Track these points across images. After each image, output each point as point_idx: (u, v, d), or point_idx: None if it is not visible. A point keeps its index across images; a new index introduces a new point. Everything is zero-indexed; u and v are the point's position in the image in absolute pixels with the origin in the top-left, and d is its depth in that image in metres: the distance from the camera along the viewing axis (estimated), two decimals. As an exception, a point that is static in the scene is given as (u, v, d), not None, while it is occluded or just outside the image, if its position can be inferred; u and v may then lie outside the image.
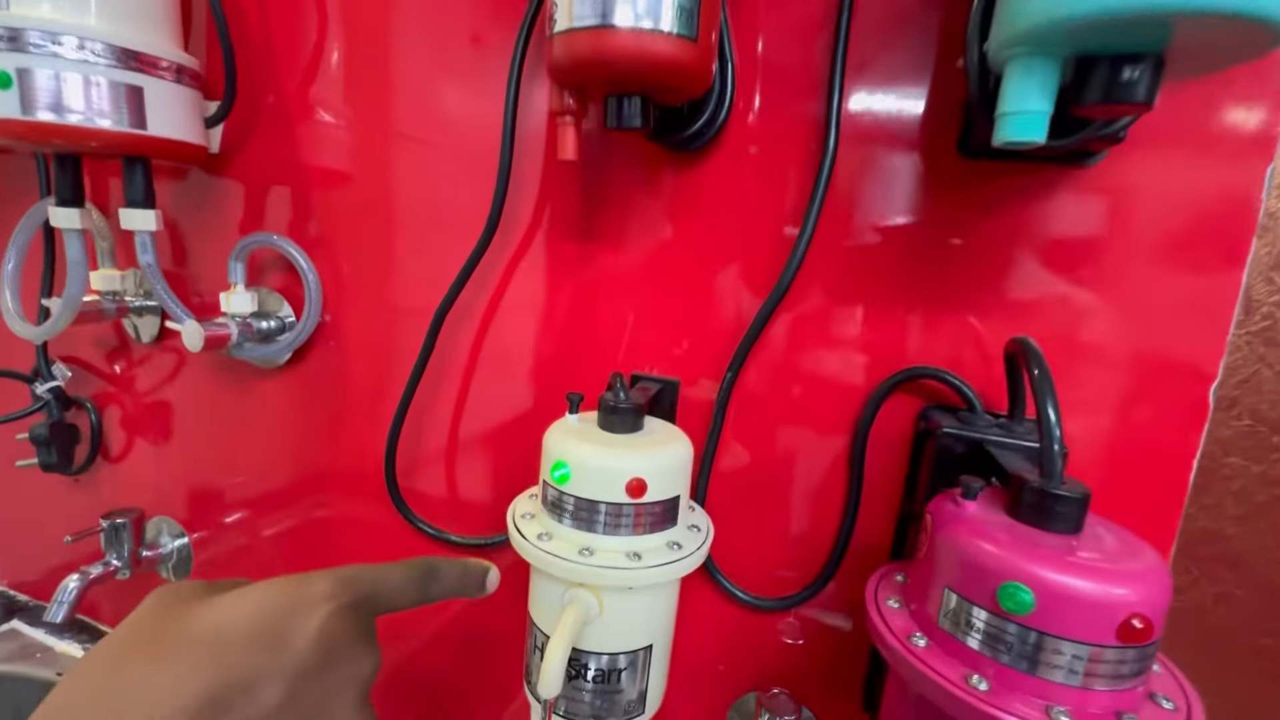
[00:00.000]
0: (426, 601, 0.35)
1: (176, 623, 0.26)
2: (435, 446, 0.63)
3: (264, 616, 0.27)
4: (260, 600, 0.27)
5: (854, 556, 0.51)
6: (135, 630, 0.26)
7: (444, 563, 0.36)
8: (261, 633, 0.26)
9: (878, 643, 0.35)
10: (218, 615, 0.26)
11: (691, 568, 0.43)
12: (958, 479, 0.35)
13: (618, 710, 0.44)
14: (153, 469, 0.79)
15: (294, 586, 0.28)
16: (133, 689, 0.23)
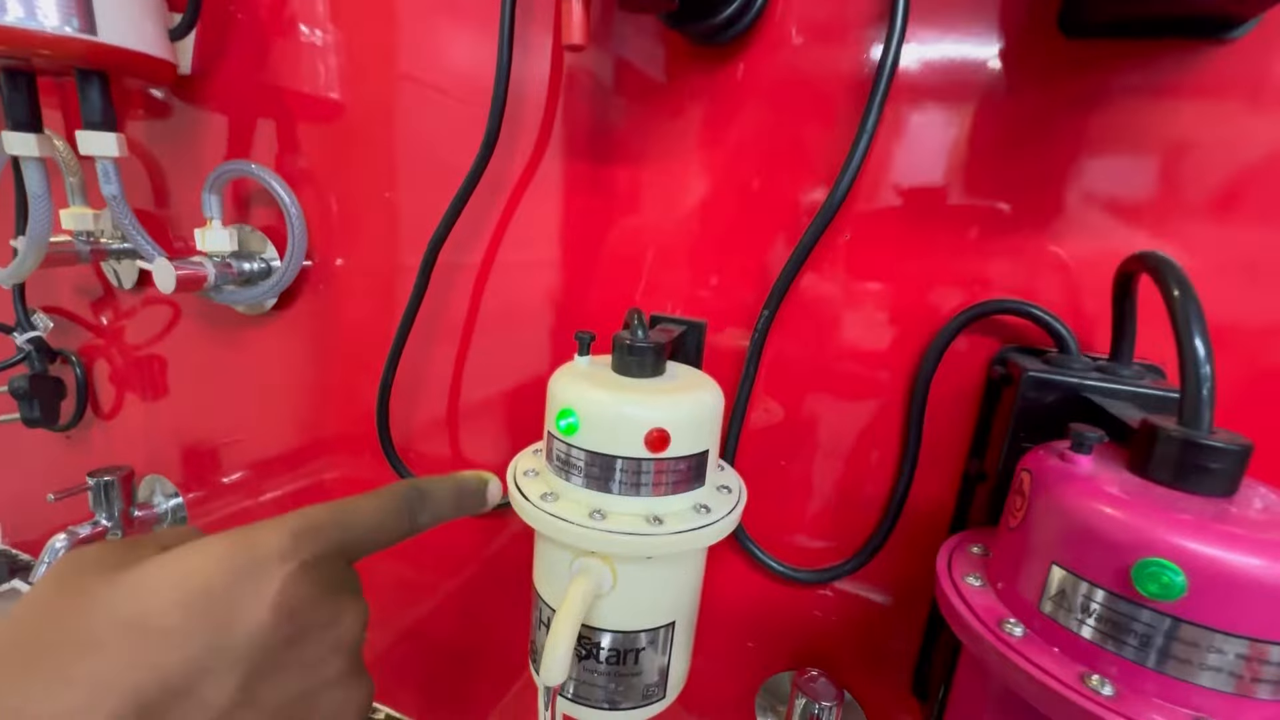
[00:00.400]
0: (416, 532, 0.27)
1: (81, 612, 0.19)
2: (434, 400, 0.58)
3: (199, 591, 0.20)
4: (192, 569, 0.20)
5: (907, 524, 0.44)
6: (25, 626, 0.19)
7: (431, 483, 0.28)
8: (198, 613, 0.19)
9: (959, 629, 0.28)
10: (136, 596, 0.19)
11: (721, 535, 0.36)
12: (1068, 428, 0.28)
13: (635, 694, 0.39)
14: (143, 425, 0.75)
15: (236, 547, 0.21)
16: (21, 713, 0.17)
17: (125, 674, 0.18)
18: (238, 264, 0.59)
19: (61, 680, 0.17)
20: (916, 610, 0.45)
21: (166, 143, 0.64)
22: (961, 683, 0.32)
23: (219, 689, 0.19)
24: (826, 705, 0.43)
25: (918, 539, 0.44)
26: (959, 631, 0.28)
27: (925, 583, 0.45)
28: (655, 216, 0.47)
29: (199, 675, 0.19)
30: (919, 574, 0.45)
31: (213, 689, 0.19)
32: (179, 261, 0.55)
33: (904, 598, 0.46)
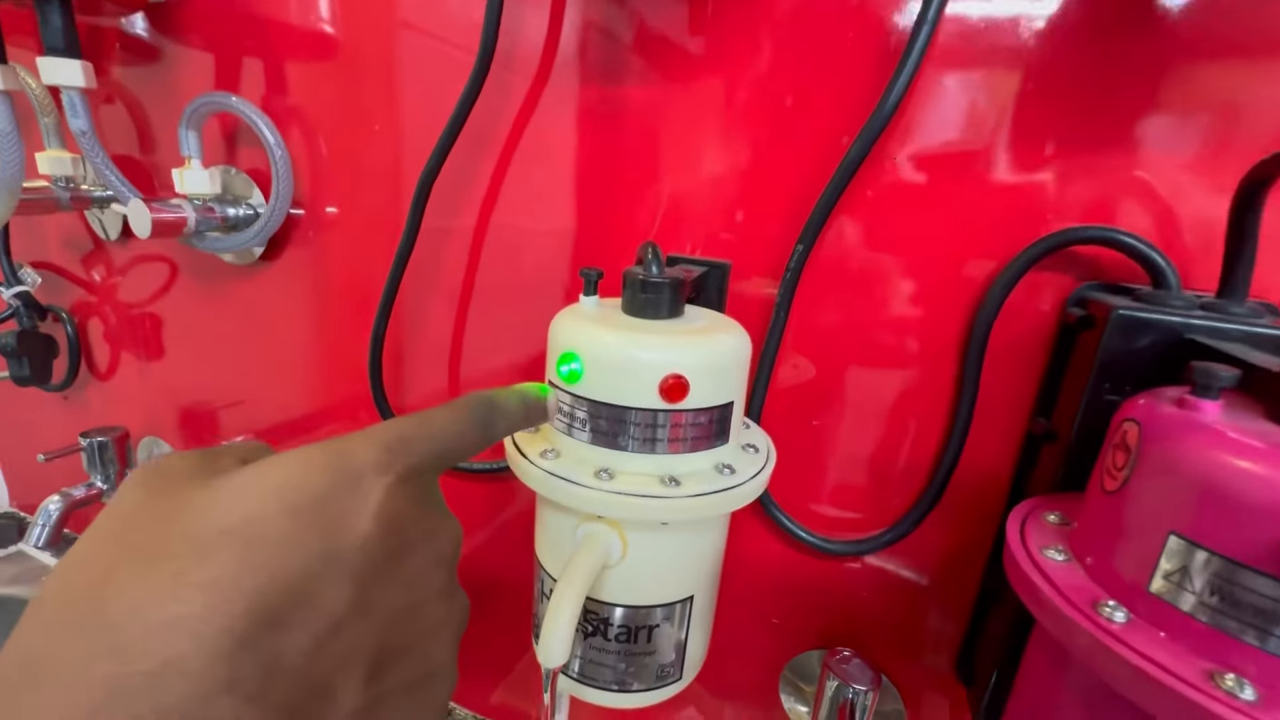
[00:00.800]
0: (491, 443, 0.25)
1: (185, 518, 0.16)
2: (434, 354, 0.53)
3: (303, 497, 0.17)
4: (292, 477, 0.18)
5: (956, 492, 0.39)
6: (127, 533, 0.16)
7: (500, 394, 0.25)
8: (306, 522, 0.17)
9: (1041, 612, 0.23)
10: (240, 502, 0.17)
11: (746, 500, 0.31)
12: (1188, 369, 0.22)
13: (648, 675, 0.35)
14: (137, 385, 0.72)
15: (332, 458, 0.19)
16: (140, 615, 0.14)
17: (244, 579, 0.15)
18: (221, 208, 0.54)
19: (180, 586, 0.15)
20: (963, 587, 0.40)
21: (149, 84, 0.60)
22: (1033, 673, 0.27)
23: (335, 596, 0.17)
24: (861, 689, 0.38)
25: (967, 509, 0.39)
26: (1041, 614, 0.23)
27: (974, 557, 0.40)
28: (674, 142, 0.41)
29: (315, 582, 0.17)
30: (967, 547, 0.40)
31: (329, 596, 0.17)
32: (156, 203, 0.50)
33: (948, 573, 0.41)
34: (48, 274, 0.73)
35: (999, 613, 0.38)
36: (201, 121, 0.52)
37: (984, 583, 0.39)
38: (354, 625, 0.17)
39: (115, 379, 0.74)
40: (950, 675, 0.43)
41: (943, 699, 0.44)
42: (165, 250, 0.64)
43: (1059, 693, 0.25)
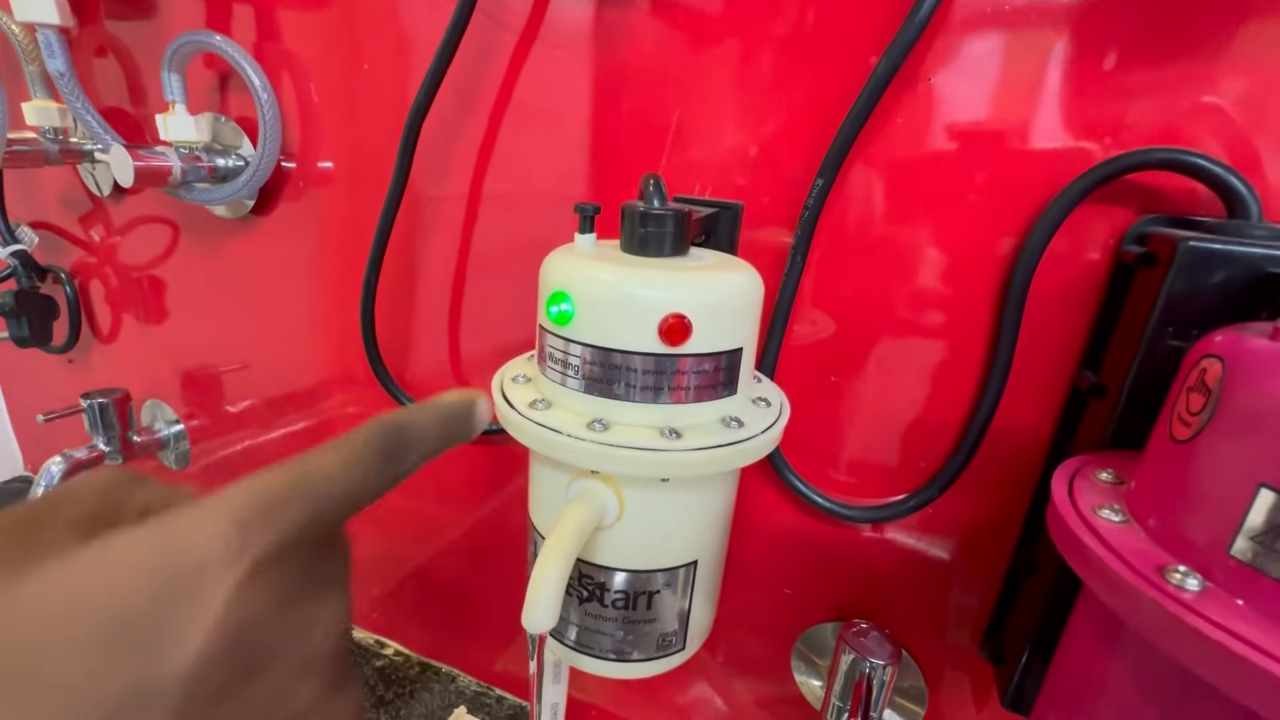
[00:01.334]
0: (403, 478, 0.20)
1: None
2: (430, 310, 0.51)
3: (109, 619, 0.13)
4: (98, 588, 0.13)
5: (989, 453, 0.36)
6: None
7: (408, 415, 0.20)
8: (111, 649, 0.13)
9: (1094, 579, 0.20)
10: (17, 627, 0.13)
11: (755, 456, 0.28)
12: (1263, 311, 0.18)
13: (648, 644, 0.32)
14: (139, 348, 0.70)
15: (160, 552, 0.14)
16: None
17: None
18: (209, 158, 0.52)
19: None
20: (992, 558, 0.37)
21: (140, 35, 0.57)
22: (1079, 650, 0.24)
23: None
24: (879, 663, 0.36)
25: (1001, 473, 0.36)
26: (1095, 582, 0.20)
27: (1006, 526, 0.36)
28: (682, 69, 0.37)
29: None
30: (999, 515, 0.37)
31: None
32: (140, 150, 0.48)
33: (977, 543, 0.38)
34: (46, 234, 0.71)
35: (1033, 585, 0.35)
36: (184, 63, 0.49)
37: (1016, 554, 0.36)
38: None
39: (118, 342, 0.73)
40: (974, 652, 0.40)
41: (965, 676, 0.41)
42: (160, 207, 0.62)
43: (1110, 673, 0.22)
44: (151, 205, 0.63)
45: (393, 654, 0.64)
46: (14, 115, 0.55)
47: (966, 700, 0.41)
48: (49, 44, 0.46)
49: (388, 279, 0.50)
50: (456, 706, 0.58)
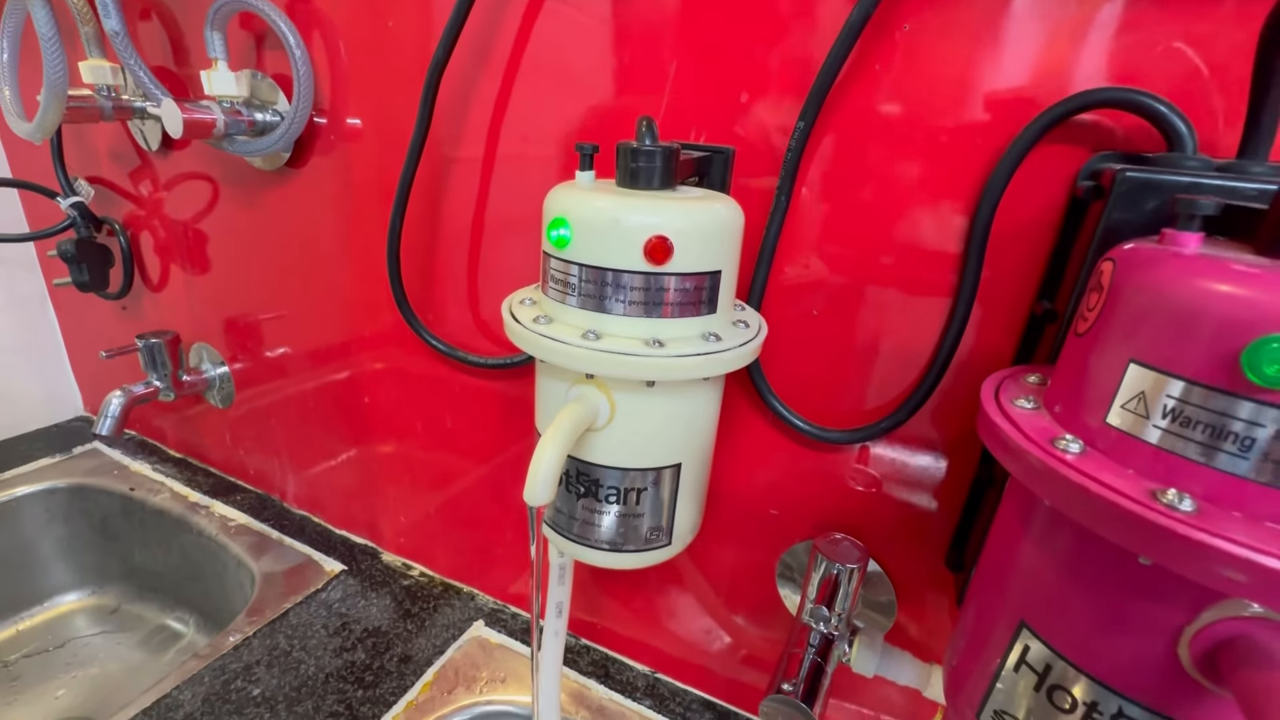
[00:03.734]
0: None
1: None
2: (452, 255, 0.55)
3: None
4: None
5: (955, 377, 0.39)
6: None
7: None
8: None
9: (1000, 451, 0.23)
10: None
11: (730, 366, 0.32)
12: (1170, 204, 0.21)
13: (636, 537, 0.37)
14: (184, 296, 0.76)
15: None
16: None
17: None
18: (249, 112, 0.56)
19: None
20: (959, 473, 0.41)
21: None
22: (1003, 528, 0.27)
23: None
24: (848, 567, 0.40)
25: (966, 393, 0.39)
26: (1000, 453, 0.24)
27: (971, 441, 0.40)
28: (679, 22, 0.40)
29: None
30: (965, 432, 0.40)
31: None
32: (187, 104, 0.52)
33: (946, 459, 0.41)
34: (99, 188, 0.77)
35: (991, 498, 0.38)
36: (225, 22, 0.53)
37: (979, 470, 0.39)
38: None
39: (167, 290, 0.79)
40: (940, 565, 0.43)
41: (936, 591, 0.45)
42: (202, 162, 0.67)
43: (1023, 543, 0.25)
44: (194, 160, 0.68)
45: (418, 575, 0.70)
46: (71, 74, 0.60)
47: (933, 610, 0.45)
48: (105, 4, 0.50)
49: (412, 228, 0.54)
50: (475, 621, 0.64)
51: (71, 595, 0.86)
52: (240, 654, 0.58)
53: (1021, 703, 0.25)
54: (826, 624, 0.40)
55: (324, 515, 0.77)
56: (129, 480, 0.83)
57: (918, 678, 0.40)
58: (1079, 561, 0.22)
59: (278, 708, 0.53)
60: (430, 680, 0.57)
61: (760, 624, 0.53)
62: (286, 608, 0.64)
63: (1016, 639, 0.25)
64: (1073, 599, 0.22)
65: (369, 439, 0.68)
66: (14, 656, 0.79)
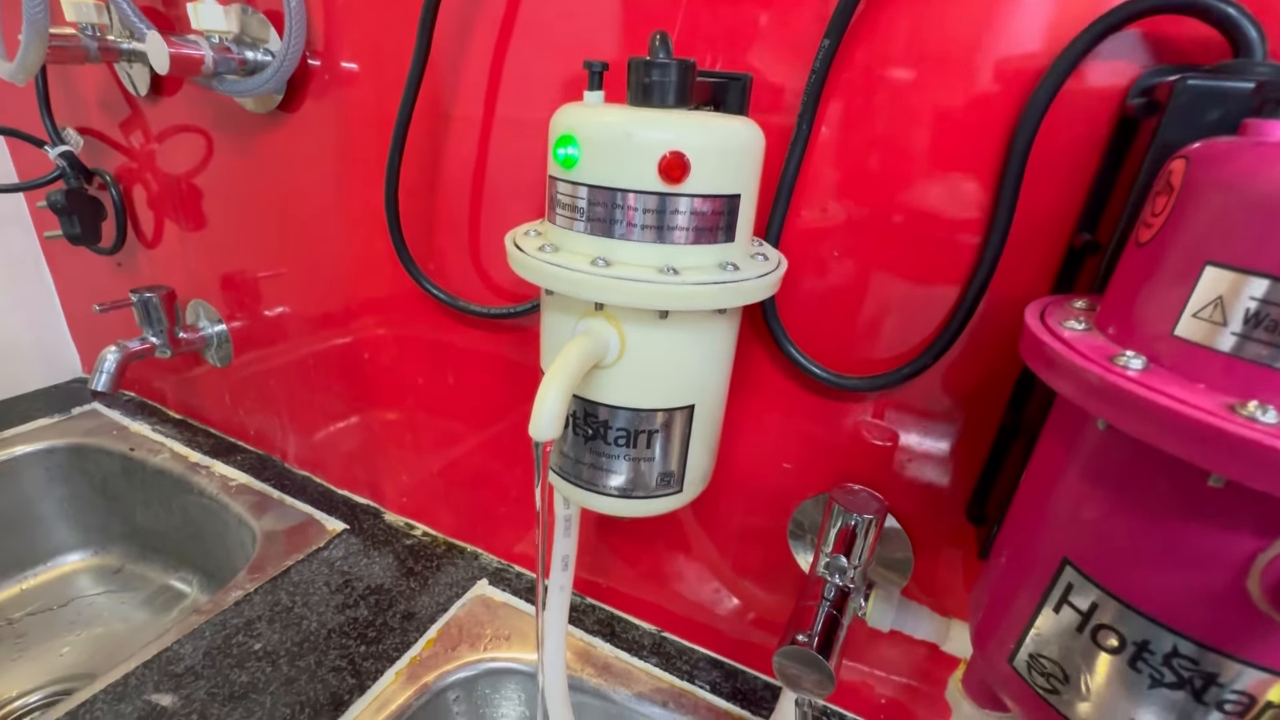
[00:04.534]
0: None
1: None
2: (454, 203, 0.52)
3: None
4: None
5: (984, 320, 0.37)
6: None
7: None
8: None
9: (1049, 371, 0.22)
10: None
11: (750, 298, 0.30)
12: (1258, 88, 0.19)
13: (645, 483, 0.35)
14: (180, 250, 0.74)
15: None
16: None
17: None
18: (239, 50, 0.54)
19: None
20: (983, 422, 0.39)
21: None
22: (1043, 462, 0.26)
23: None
24: (866, 518, 0.38)
25: (994, 337, 0.37)
26: (1049, 375, 0.22)
27: (997, 391, 0.38)
28: (693, -63, 0.37)
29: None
30: (992, 378, 0.38)
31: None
32: (174, 38, 0.50)
33: (970, 408, 0.39)
34: (90, 139, 0.75)
35: (1018, 448, 0.37)
36: (211, -51, 0.50)
37: (1004, 419, 0.37)
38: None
39: (162, 246, 0.77)
40: (962, 519, 0.42)
41: (953, 547, 0.43)
42: (193, 107, 0.65)
43: (1068, 473, 0.24)
44: (185, 107, 0.65)
45: (421, 534, 0.69)
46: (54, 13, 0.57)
47: (950, 566, 0.44)
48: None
49: (412, 174, 0.52)
50: (479, 580, 0.63)
51: (75, 555, 0.85)
52: (242, 609, 0.57)
53: (1061, 645, 0.23)
54: (843, 576, 0.38)
55: (325, 475, 0.76)
56: (129, 440, 0.82)
57: (935, 631, 0.39)
58: (1137, 488, 0.21)
59: (279, 661, 0.52)
60: (434, 637, 0.56)
61: (770, 583, 0.51)
62: (288, 565, 0.63)
63: (1058, 579, 0.23)
64: (1127, 531, 0.21)
65: (370, 398, 0.66)
66: (18, 615, 0.79)
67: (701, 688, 0.54)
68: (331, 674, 0.52)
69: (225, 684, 0.50)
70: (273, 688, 0.50)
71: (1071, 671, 0.23)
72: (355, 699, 0.50)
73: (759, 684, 0.55)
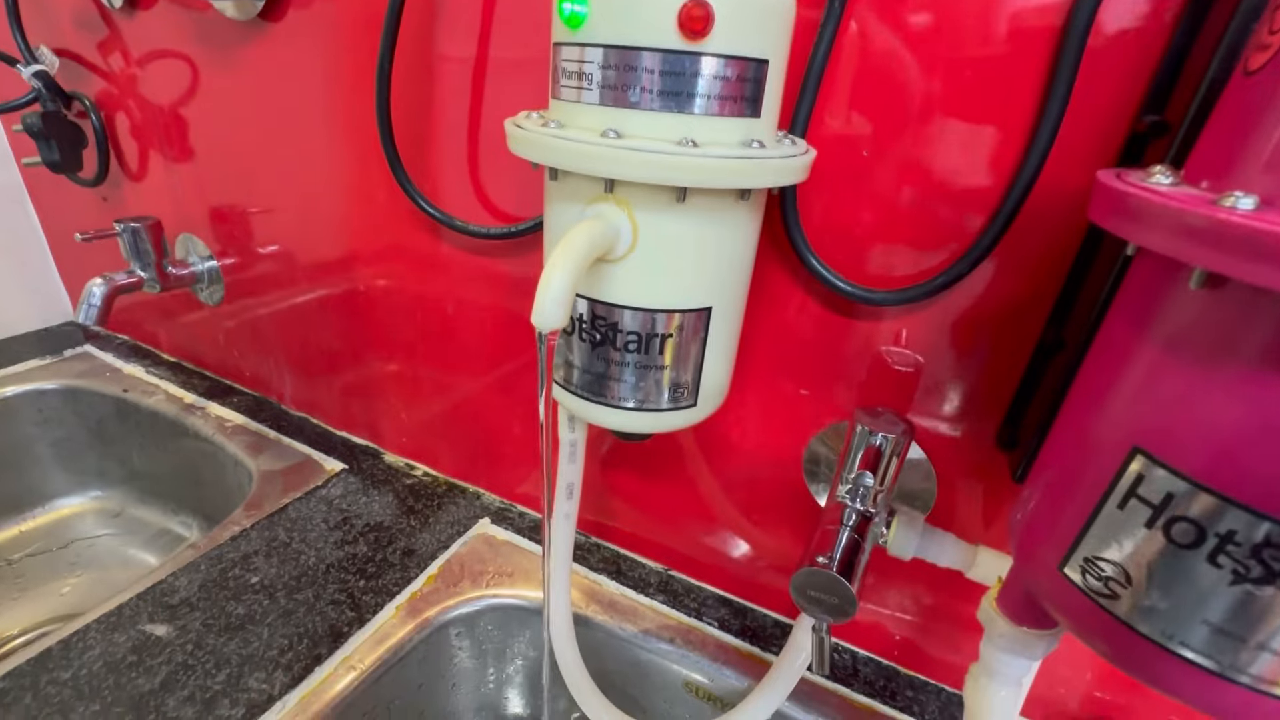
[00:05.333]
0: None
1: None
2: (450, 115, 0.49)
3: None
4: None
5: (1027, 223, 0.34)
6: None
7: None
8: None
9: (1137, 222, 0.19)
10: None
11: (778, 178, 0.27)
12: None
13: (658, 394, 0.32)
14: (166, 181, 0.71)
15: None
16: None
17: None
18: (216, -54, 0.49)
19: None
20: (1020, 340, 0.36)
21: None
22: (1110, 343, 0.23)
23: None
24: (891, 437, 0.36)
25: (1037, 245, 0.34)
26: (1136, 226, 0.19)
27: (1037, 305, 0.35)
28: None
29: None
30: (1030, 293, 0.35)
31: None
32: (142, -72, 0.46)
33: (1004, 326, 0.37)
34: (67, 61, 0.70)
35: (1058, 363, 0.34)
36: None
37: (1045, 333, 0.35)
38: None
39: (148, 179, 0.73)
40: (992, 446, 0.39)
41: (978, 477, 0.41)
42: (171, 20, 0.60)
43: (1145, 347, 0.21)
44: (163, 21, 0.61)
45: (422, 474, 0.67)
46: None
47: (972, 497, 0.41)
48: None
49: (403, 82, 0.48)
50: (481, 518, 0.61)
51: (74, 499, 0.84)
52: (238, 544, 0.56)
53: (1125, 545, 0.21)
54: (866, 498, 0.36)
55: (323, 417, 0.74)
56: (122, 382, 0.80)
57: (961, 559, 0.37)
58: (1238, 351, 0.18)
59: (277, 594, 0.51)
60: (435, 573, 0.55)
61: (782, 520, 0.49)
62: (285, 503, 0.61)
63: (1125, 470, 0.21)
64: (1222, 403, 0.18)
65: (367, 334, 0.64)
66: (17, 556, 0.78)
67: (710, 624, 0.52)
68: (330, 607, 0.50)
69: (221, 615, 0.49)
70: (270, 619, 0.49)
71: (1135, 572, 0.21)
72: (354, 631, 0.49)
73: (769, 621, 0.53)
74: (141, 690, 0.43)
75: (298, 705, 0.43)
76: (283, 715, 0.42)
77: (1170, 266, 0.19)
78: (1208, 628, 0.19)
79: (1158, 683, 0.21)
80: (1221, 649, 0.19)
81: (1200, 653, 0.20)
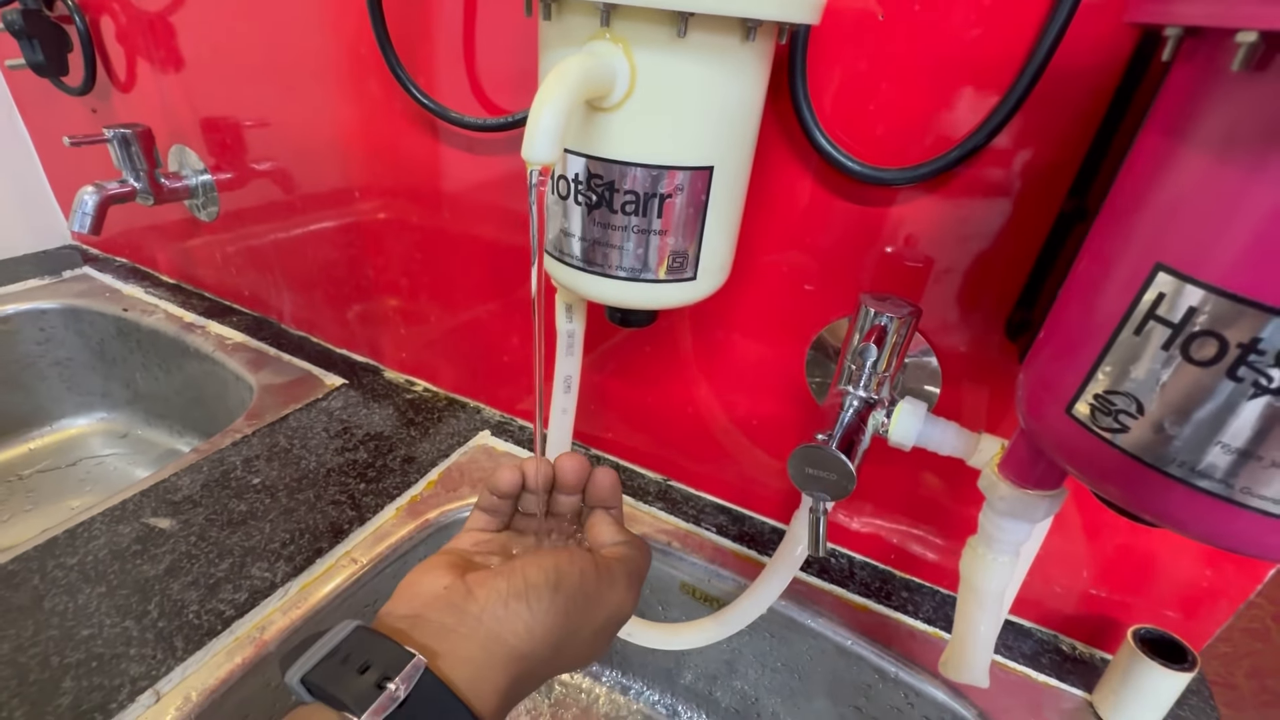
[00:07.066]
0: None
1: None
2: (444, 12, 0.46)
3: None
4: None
5: (1047, 92, 0.32)
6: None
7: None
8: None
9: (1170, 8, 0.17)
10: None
11: (788, 11, 0.25)
12: None
13: (659, 262, 0.31)
14: (156, 88, 0.69)
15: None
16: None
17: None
18: None
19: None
20: (1034, 219, 0.35)
21: None
22: (1144, 156, 0.21)
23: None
24: (896, 317, 0.35)
25: (1058, 113, 0.32)
26: (1178, 5, 0.17)
27: (1057, 177, 0.33)
28: None
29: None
30: (1051, 162, 0.33)
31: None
32: None
33: (1023, 198, 0.35)
34: (47, -42, 0.67)
35: (1077, 234, 0.33)
36: None
37: (1065, 203, 0.33)
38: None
39: (137, 89, 0.71)
40: (1001, 343, 0.38)
41: (983, 372, 0.40)
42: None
43: (1181, 153, 0.19)
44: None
45: (422, 390, 0.67)
46: None
47: (976, 392, 0.41)
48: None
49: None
50: (481, 431, 0.61)
51: (80, 419, 0.85)
52: (240, 449, 0.56)
53: (1138, 372, 0.20)
54: (869, 381, 0.35)
55: (323, 335, 0.73)
56: (121, 302, 0.80)
57: (963, 446, 0.36)
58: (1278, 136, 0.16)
59: (278, 494, 0.51)
60: (435, 479, 0.55)
61: (782, 428, 0.49)
62: (286, 413, 0.61)
63: (1144, 292, 0.20)
64: (1254, 199, 0.17)
65: (364, 247, 0.62)
66: (28, 471, 0.79)
67: (708, 529, 0.53)
68: (331, 506, 0.51)
69: (224, 512, 0.49)
70: (271, 516, 0.49)
71: (1147, 399, 0.20)
72: (355, 529, 0.49)
73: (766, 527, 0.53)
74: (146, 575, 0.44)
75: (299, 593, 0.44)
76: (284, 601, 0.43)
77: (1211, 59, 0.18)
78: (1221, 449, 0.18)
79: (1166, 516, 0.21)
80: (1235, 471, 0.18)
81: (1212, 479, 0.19)
